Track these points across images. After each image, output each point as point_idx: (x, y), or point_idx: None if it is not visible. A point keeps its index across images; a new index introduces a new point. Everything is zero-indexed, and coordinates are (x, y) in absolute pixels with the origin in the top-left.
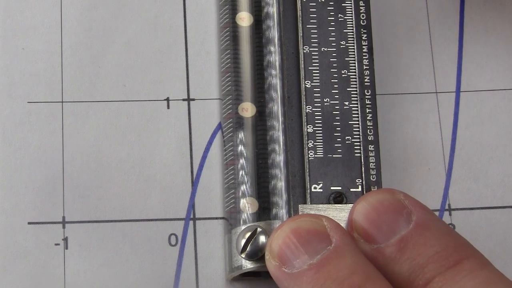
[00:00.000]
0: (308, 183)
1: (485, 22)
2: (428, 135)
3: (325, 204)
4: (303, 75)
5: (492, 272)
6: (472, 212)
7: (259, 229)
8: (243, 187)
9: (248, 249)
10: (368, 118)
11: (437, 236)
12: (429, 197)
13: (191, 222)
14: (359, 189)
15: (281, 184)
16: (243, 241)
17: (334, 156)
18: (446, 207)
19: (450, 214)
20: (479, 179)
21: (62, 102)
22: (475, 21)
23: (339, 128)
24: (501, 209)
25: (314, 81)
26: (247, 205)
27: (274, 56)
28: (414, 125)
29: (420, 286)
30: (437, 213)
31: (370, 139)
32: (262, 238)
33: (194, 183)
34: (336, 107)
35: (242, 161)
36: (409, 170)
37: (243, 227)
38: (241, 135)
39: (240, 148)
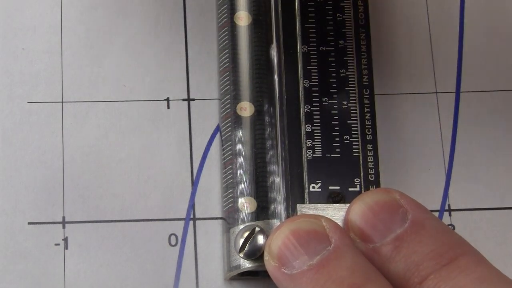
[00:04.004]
0: (307, 183)
1: (485, 22)
2: (428, 135)
3: (324, 203)
4: (301, 74)
5: (488, 269)
6: (472, 213)
7: (257, 229)
8: (241, 186)
9: (246, 248)
10: (366, 117)
11: (432, 234)
12: (429, 198)
13: (191, 222)
14: (358, 189)
15: (279, 183)
16: (241, 241)
17: (332, 155)
18: (446, 207)
19: (450, 215)
20: (479, 180)
21: (62, 102)
22: (475, 21)
23: (337, 128)
24: (501, 210)
25: (313, 80)
26: (245, 204)
27: (272, 55)
28: (414, 125)
29: (415, 284)
30: (436, 214)
31: (368, 138)
32: (260, 238)
33: (194, 183)
34: (335, 106)
35: (240, 160)
36: (409, 170)
37: (241, 227)
38: (239, 134)
39: (238, 147)
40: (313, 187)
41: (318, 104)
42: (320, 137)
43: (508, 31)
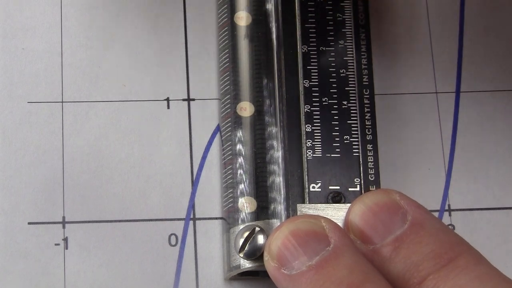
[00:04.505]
0: (307, 183)
1: (485, 22)
2: (428, 136)
3: (324, 203)
4: (301, 74)
5: (487, 268)
6: (472, 213)
7: (257, 229)
8: (241, 187)
9: (246, 248)
10: (366, 117)
11: (432, 235)
12: (428, 198)
13: (191, 222)
14: (358, 189)
15: (279, 183)
16: (241, 241)
17: (332, 155)
18: (446, 207)
19: (450, 215)
20: (479, 180)
21: (62, 102)
22: (475, 21)
23: (337, 128)
24: (501, 210)
25: (313, 80)
26: (246, 204)
27: (272, 55)
28: (414, 125)
29: (415, 284)
30: (436, 214)
31: (368, 138)
32: (260, 238)
33: (194, 183)
34: (335, 106)
35: (240, 160)
36: (409, 170)
37: (241, 227)
38: (239, 134)
39: (239, 147)
40: (313, 187)
41: (318, 104)
42: (320, 137)
43: (508, 31)
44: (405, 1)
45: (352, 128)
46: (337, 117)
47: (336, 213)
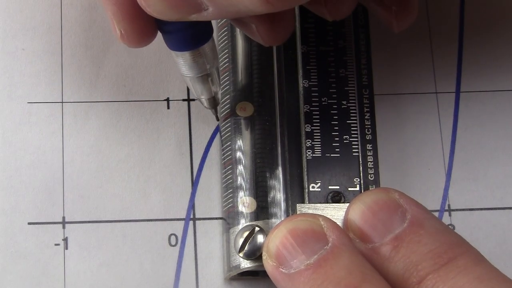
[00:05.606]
0: (306, 182)
1: (485, 22)
2: (428, 136)
3: (323, 203)
4: (301, 74)
5: (486, 268)
6: (472, 213)
7: (257, 229)
8: (241, 186)
9: (246, 248)
10: (366, 117)
11: (431, 234)
12: (428, 198)
13: (191, 222)
14: (357, 188)
15: (279, 183)
16: (241, 241)
17: (332, 155)
18: (446, 207)
19: (449, 215)
20: (479, 180)
21: (62, 102)
22: (475, 21)
23: (337, 128)
24: (501, 210)
25: (312, 80)
26: (245, 204)
27: (272, 55)
28: (414, 125)
29: (414, 284)
30: (436, 214)
31: (368, 138)
32: (260, 238)
33: (194, 183)
34: (334, 106)
35: (240, 160)
36: (409, 170)
37: (241, 227)
38: (239, 134)
39: (238, 147)
40: (313, 187)
41: (317, 104)
42: (319, 137)
43: (508, 31)
44: None
45: (352, 128)
46: (336, 117)
47: (336, 212)
